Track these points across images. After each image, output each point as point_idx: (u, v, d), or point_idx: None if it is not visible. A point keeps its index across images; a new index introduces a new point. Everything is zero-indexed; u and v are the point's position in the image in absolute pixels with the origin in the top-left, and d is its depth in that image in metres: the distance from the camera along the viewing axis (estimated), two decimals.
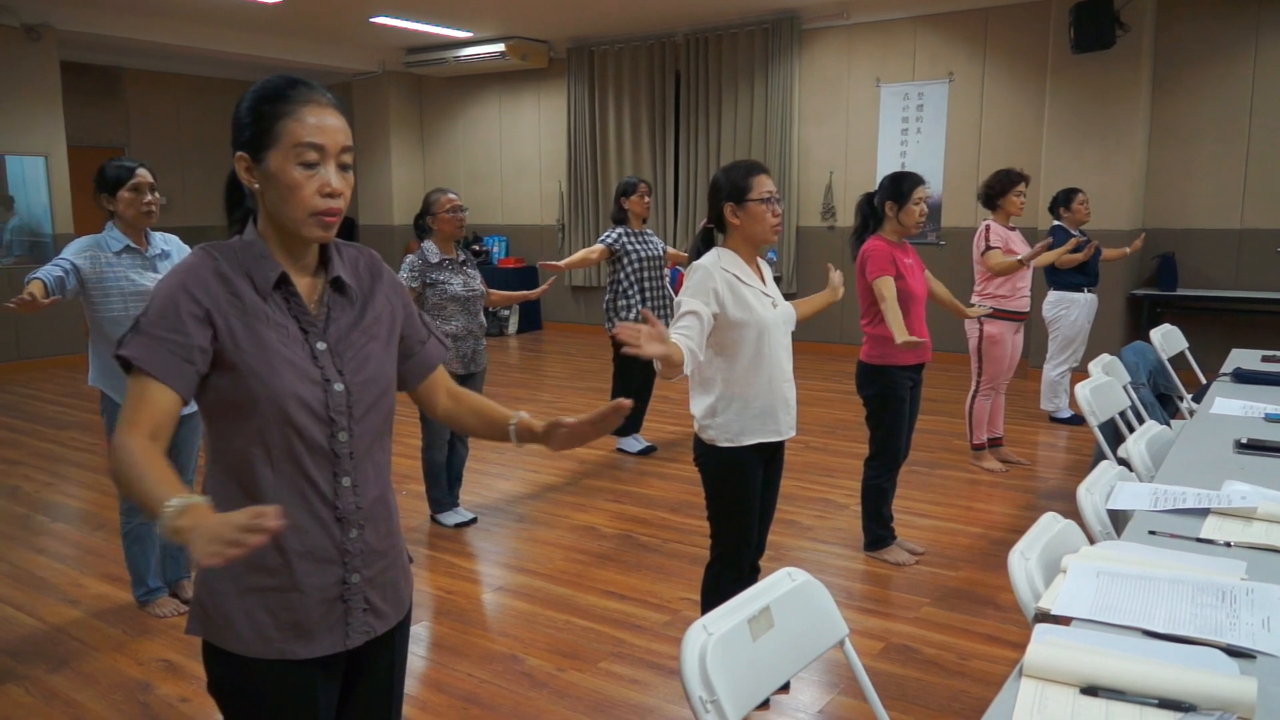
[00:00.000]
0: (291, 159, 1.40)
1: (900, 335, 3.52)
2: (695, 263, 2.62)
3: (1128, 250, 6.16)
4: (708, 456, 2.71)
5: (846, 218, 8.54)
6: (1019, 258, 4.94)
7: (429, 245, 4.15)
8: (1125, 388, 3.70)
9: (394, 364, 1.58)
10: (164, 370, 1.37)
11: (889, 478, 3.86)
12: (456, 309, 4.10)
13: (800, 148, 8.83)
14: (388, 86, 11.05)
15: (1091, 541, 2.04)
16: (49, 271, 3.10)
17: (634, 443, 5.61)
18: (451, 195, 4.14)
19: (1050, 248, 5.56)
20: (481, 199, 10.98)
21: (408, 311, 1.64)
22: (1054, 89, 7.26)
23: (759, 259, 2.78)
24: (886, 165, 8.24)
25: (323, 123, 1.42)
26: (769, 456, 2.77)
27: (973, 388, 5.15)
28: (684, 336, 2.47)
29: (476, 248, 10.69)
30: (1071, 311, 5.92)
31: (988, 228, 4.97)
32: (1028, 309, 5.11)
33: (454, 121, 11.20)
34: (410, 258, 4.13)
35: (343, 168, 1.44)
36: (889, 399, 3.75)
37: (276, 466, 1.42)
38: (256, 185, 1.44)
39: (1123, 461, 2.81)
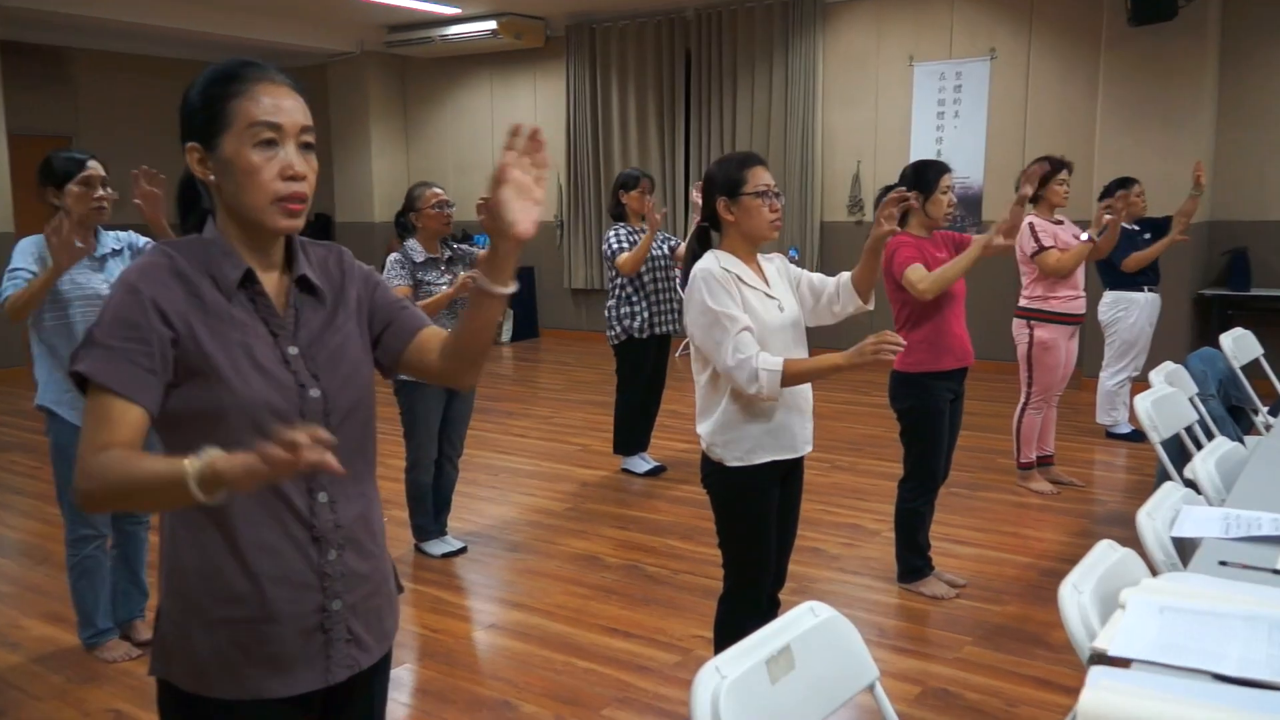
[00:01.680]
0: (247, 141, 1.42)
1: (960, 261, 3.56)
2: (695, 270, 2.63)
3: (1194, 192, 5.74)
4: (716, 477, 2.71)
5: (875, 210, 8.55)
6: (1085, 237, 4.90)
7: (412, 244, 4.17)
8: (1192, 399, 3.68)
9: (370, 363, 1.59)
10: (127, 384, 1.37)
11: (926, 501, 3.85)
12: (443, 313, 4.11)
13: (825, 134, 8.84)
14: (367, 69, 11.12)
15: (1154, 573, 2.03)
16: (13, 286, 3.12)
17: (640, 463, 5.60)
18: (436, 189, 4.17)
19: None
20: (471, 193, 11.01)
21: (376, 288, 1.63)
22: (1108, 66, 7.26)
23: (762, 257, 2.78)
24: (920, 153, 8.24)
25: (278, 101, 1.44)
26: (785, 475, 2.77)
27: (1021, 400, 5.13)
28: (768, 356, 2.54)
29: (464, 246, 10.70)
30: (1131, 313, 5.90)
31: (1032, 224, 4.95)
32: (1083, 311, 5.09)
33: (441, 107, 11.26)
34: (395, 255, 4.15)
35: (304, 148, 1.46)
36: (926, 412, 3.74)
37: None
38: (211, 177, 1.46)
39: (1189, 483, 2.79)
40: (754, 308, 2.62)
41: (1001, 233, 3.47)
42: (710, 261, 2.65)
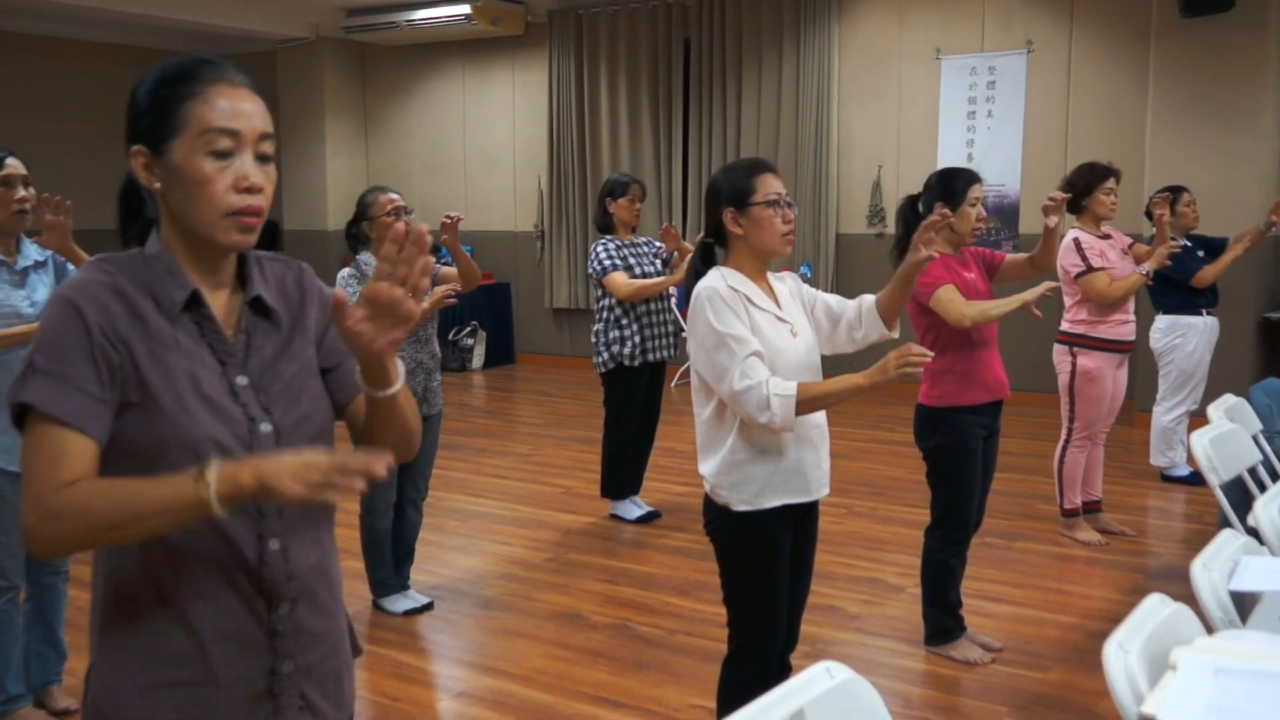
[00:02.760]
0: (200, 148, 1.45)
1: (1010, 304, 3.67)
2: (699, 290, 2.67)
3: (1262, 227, 5.78)
4: (722, 523, 2.73)
5: None
6: (1144, 269, 4.95)
7: (366, 257, 4.20)
8: (1255, 437, 3.71)
9: (328, 398, 1.61)
10: (78, 414, 1.40)
11: (957, 552, 3.87)
12: (406, 339, 4.13)
13: (841, 136, 8.92)
14: (322, 57, 11.18)
15: (1209, 631, 2.06)
16: None
17: (632, 507, 5.61)
18: (392, 194, 4.21)
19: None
20: (440, 199, 11.05)
21: (330, 324, 1.66)
22: (1159, 61, 7.36)
23: (772, 276, 2.82)
24: (949, 157, 8.32)
25: (236, 106, 1.47)
26: (798, 521, 2.80)
27: (1063, 437, 5.17)
28: (780, 381, 2.57)
29: (432, 258, 10.72)
30: (1188, 340, 5.94)
31: (1077, 240, 5.00)
32: (1133, 337, 5.14)
33: (406, 102, 11.32)
34: (348, 270, 4.17)
35: (261, 158, 1.49)
36: (957, 451, 3.77)
37: (187, 528, 1.44)
38: (157, 184, 1.48)
39: (1252, 531, 2.82)
40: (764, 332, 2.65)
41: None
42: (715, 279, 2.68)
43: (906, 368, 2.46)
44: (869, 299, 2.93)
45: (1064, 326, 5.13)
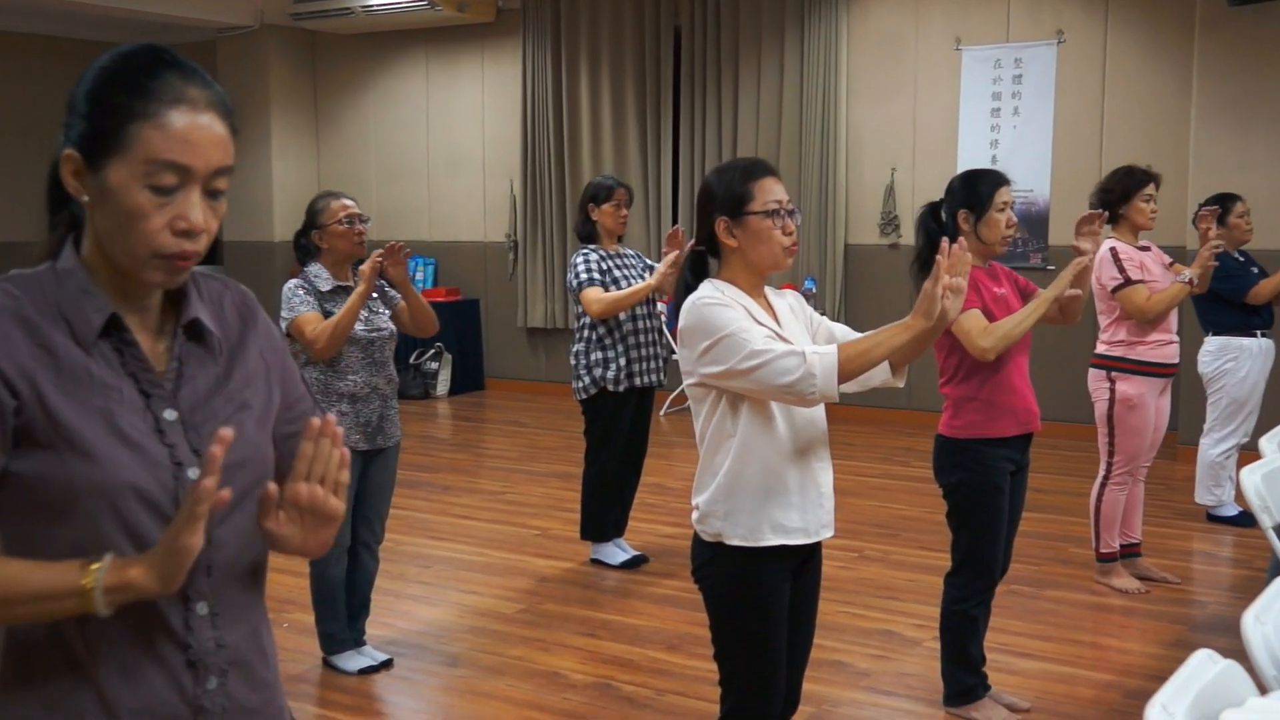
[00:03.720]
0: (140, 178, 1.41)
1: (1037, 307, 3.66)
2: (690, 302, 2.67)
3: None
4: (714, 565, 2.73)
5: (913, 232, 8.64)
6: (1185, 277, 4.98)
7: (316, 269, 4.20)
8: None
9: (270, 442, 1.59)
10: None
11: (980, 601, 3.87)
12: (356, 358, 4.13)
13: (850, 135, 8.97)
14: (267, 47, 11.19)
15: (1262, 691, 2.06)
16: None
17: (616, 551, 5.60)
18: (346, 200, 4.22)
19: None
20: (401, 205, 11.05)
21: (286, 369, 1.65)
22: (1204, 53, 7.43)
23: (771, 291, 2.83)
24: (970, 159, 8.34)
25: (193, 135, 1.43)
26: (799, 565, 2.80)
27: (1101, 472, 5.19)
28: (806, 348, 2.58)
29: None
30: (1241, 364, 5.97)
31: (1114, 251, 5.03)
32: (1176, 360, 5.16)
33: (362, 97, 11.33)
34: (295, 281, 4.17)
35: (212, 195, 1.47)
36: (981, 489, 3.77)
37: None
38: (85, 198, 1.45)
39: None
40: None
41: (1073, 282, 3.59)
42: (709, 290, 2.69)
43: (956, 277, 2.49)
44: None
45: (1100, 349, 5.16)
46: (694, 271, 2.81)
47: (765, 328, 2.68)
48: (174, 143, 1.41)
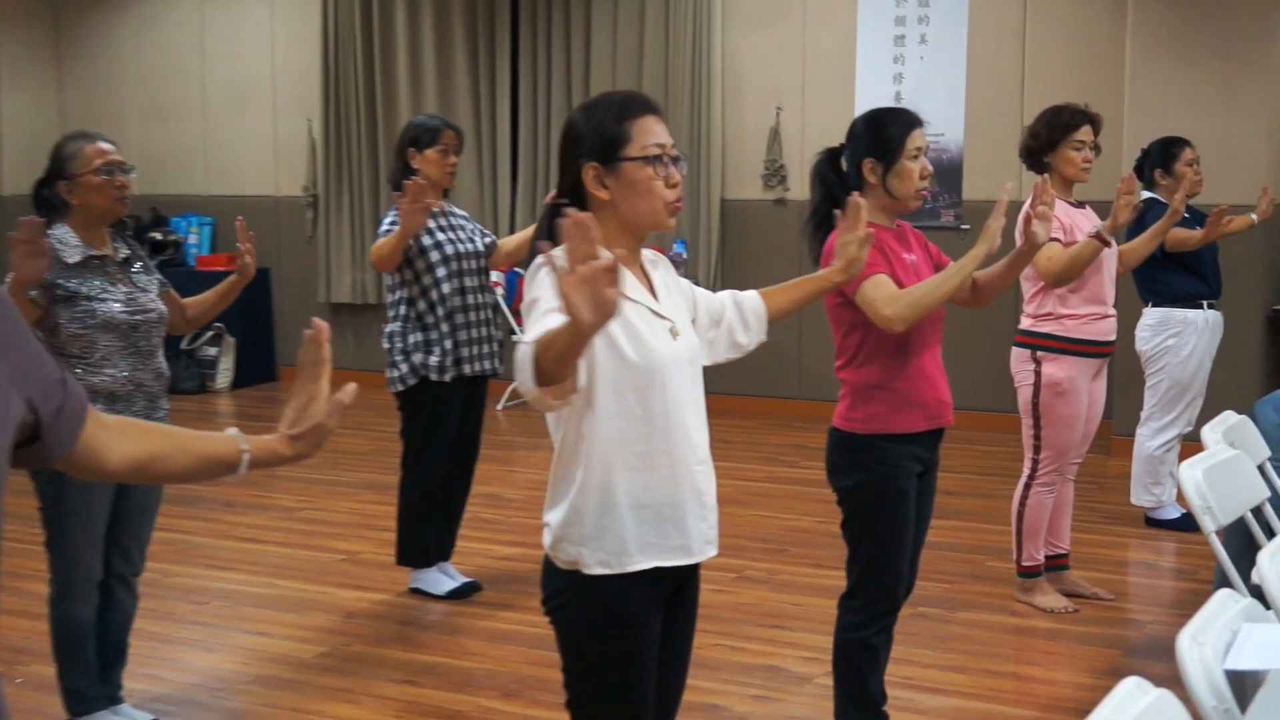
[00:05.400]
0: None
1: (957, 272, 3.73)
2: (536, 262, 2.64)
3: (1253, 218, 6.32)
4: (568, 595, 2.71)
5: (805, 184, 8.73)
6: (1093, 229, 4.93)
7: (63, 232, 4.08)
8: (1261, 467, 3.84)
9: (6, 442, 1.56)
10: None
11: (881, 628, 3.91)
12: (114, 346, 4.02)
13: (726, 69, 9.03)
14: None
15: None
16: None
17: (441, 578, 5.57)
18: (104, 144, 4.11)
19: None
20: (168, 151, 10.84)
21: (22, 339, 1.63)
22: None
23: (647, 259, 2.82)
24: (871, 97, 8.44)
25: None
26: (673, 593, 2.80)
27: (1025, 471, 5.29)
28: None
29: (157, 236, 10.50)
30: (1185, 341, 6.14)
31: None
32: (1112, 336, 5.29)
33: (117, 16, 11.09)
34: None
35: None
36: (884, 493, 3.81)
37: None
38: None
39: (1256, 590, 2.91)
40: (637, 331, 2.65)
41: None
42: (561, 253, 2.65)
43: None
44: (752, 295, 2.99)
45: (1024, 325, 5.24)
46: (551, 227, 2.75)
47: (639, 304, 2.67)
48: None
